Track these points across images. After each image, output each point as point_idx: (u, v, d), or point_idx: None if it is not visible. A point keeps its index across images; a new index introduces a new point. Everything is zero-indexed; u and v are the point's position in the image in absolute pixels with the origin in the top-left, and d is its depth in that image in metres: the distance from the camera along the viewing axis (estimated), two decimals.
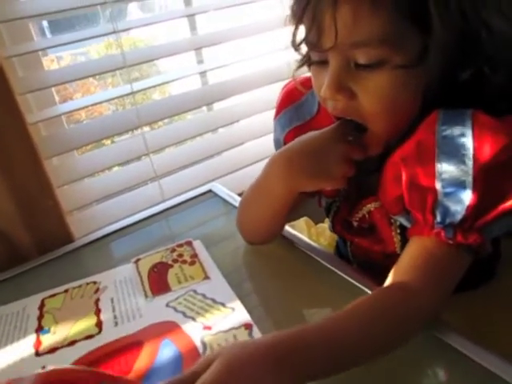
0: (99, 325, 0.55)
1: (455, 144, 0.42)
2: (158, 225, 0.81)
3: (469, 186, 0.41)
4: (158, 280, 0.62)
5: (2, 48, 0.74)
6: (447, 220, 0.43)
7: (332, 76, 0.45)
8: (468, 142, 0.41)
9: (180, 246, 0.69)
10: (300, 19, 0.46)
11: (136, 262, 0.66)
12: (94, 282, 0.64)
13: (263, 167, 0.57)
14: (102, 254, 0.75)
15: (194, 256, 0.66)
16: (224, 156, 1.03)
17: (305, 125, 0.60)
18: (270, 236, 0.64)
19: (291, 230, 0.68)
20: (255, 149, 1.02)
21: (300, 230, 0.76)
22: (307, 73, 0.54)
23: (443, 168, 0.43)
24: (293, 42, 0.49)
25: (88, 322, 0.56)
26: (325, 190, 0.59)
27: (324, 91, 0.45)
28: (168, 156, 0.96)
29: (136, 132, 0.89)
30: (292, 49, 0.51)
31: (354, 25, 0.41)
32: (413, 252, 0.46)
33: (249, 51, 0.99)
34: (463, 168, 0.41)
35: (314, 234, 0.78)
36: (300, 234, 0.67)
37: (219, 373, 0.35)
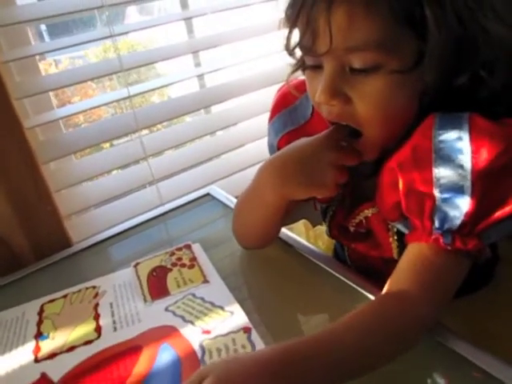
0: (98, 330, 0.55)
1: (452, 148, 0.41)
2: (157, 228, 0.81)
3: (467, 190, 0.41)
4: (157, 284, 0.62)
5: (0, 53, 0.74)
6: (446, 226, 0.42)
7: (327, 81, 0.44)
8: (465, 145, 0.41)
9: (179, 249, 0.69)
10: (294, 23, 0.45)
11: (135, 265, 0.66)
12: (93, 287, 0.64)
13: (255, 174, 0.57)
14: (100, 258, 0.75)
15: (193, 259, 0.66)
16: (222, 159, 1.03)
17: (299, 129, 0.59)
18: (264, 241, 0.64)
19: (289, 233, 0.68)
20: (253, 151, 1.02)
21: (298, 233, 0.76)
22: (302, 76, 0.53)
23: (440, 173, 0.42)
24: (287, 47, 0.48)
25: (87, 327, 0.56)
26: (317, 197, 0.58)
27: (319, 96, 0.45)
28: (166, 159, 0.96)
29: (133, 136, 0.89)
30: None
31: (348, 29, 0.41)
32: (411, 259, 0.45)
33: (246, 54, 0.99)
34: (461, 172, 0.41)
35: (312, 237, 0.78)
36: (298, 237, 0.67)
37: None
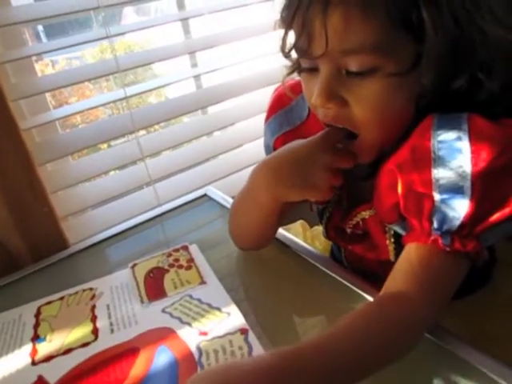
0: (95, 332, 0.55)
1: (451, 148, 0.41)
2: (154, 229, 0.81)
3: (467, 191, 0.40)
4: (154, 285, 0.62)
5: None
6: (444, 227, 0.42)
7: (323, 84, 0.44)
8: (465, 146, 0.40)
9: (176, 250, 0.69)
10: (290, 25, 0.45)
11: (132, 267, 0.66)
12: (90, 289, 0.63)
13: (250, 174, 0.56)
14: (97, 259, 0.75)
15: (191, 260, 0.66)
16: (219, 159, 1.03)
17: (295, 130, 0.59)
18: (260, 243, 0.63)
19: (286, 234, 0.68)
20: (250, 152, 1.02)
21: (296, 233, 0.76)
22: (298, 76, 0.53)
23: (440, 174, 0.42)
24: (282, 49, 0.48)
25: (84, 330, 0.56)
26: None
27: (315, 99, 0.44)
28: (163, 160, 0.96)
29: (130, 136, 0.89)
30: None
31: (344, 32, 0.40)
32: (409, 260, 0.44)
33: (243, 54, 0.99)
34: (460, 173, 0.41)
35: (310, 238, 0.78)
36: (295, 238, 0.67)
37: None
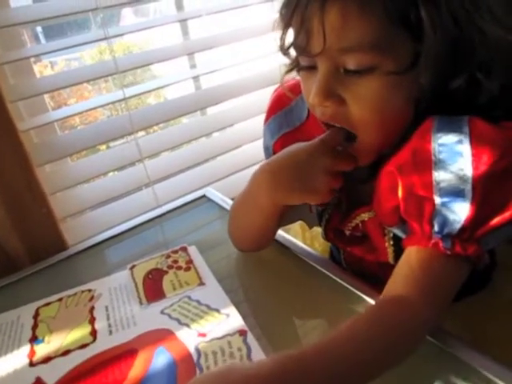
0: (94, 333, 0.55)
1: (452, 151, 0.41)
2: (153, 231, 0.81)
3: (467, 195, 0.40)
4: (152, 287, 0.62)
5: None
6: (445, 230, 0.42)
7: (320, 82, 0.44)
8: (466, 149, 0.40)
9: (175, 252, 0.68)
10: (288, 23, 0.45)
11: (131, 268, 0.66)
12: (89, 290, 0.63)
13: (250, 177, 0.56)
14: (96, 261, 0.75)
15: (189, 262, 0.65)
16: (218, 160, 1.03)
17: (294, 131, 0.59)
18: (260, 244, 0.63)
19: (286, 235, 0.68)
20: (249, 153, 1.02)
21: (295, 234, 0.76)
22: (298, 76, 0.53)
23: (440, 177, 0.41)
24: (281, 47, 0.48)
25: (82, 331, 0.55)
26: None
27: (312, 98, 0.44)
28: (162, 161, 0.96)
29: (129, 138, 0.89)
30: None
31: (342, 29, 0.40)
32: (409, 263, 0.44)
33: (242, 55, 0.99)
34: (461, 176, 0.40)
35: (309, 238, 0.78)
36: (294, 239, 0.67)
37: None
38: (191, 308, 0.56)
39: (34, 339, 0.56)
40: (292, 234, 0.69)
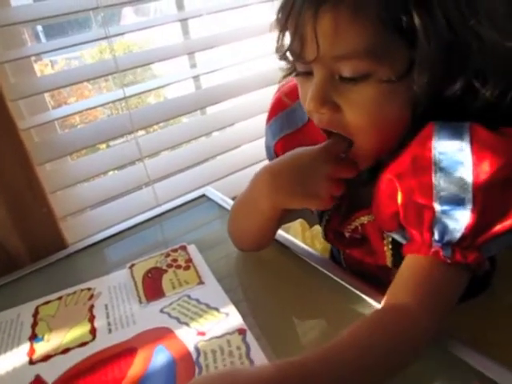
0: (93, 332, 0.55)
1: (453, 159, 0.40)
2: (153, 230, 0.81)
3: (468, 203, 0.40)
4: (152, 285, 0.62)
5: None
6: (445, 238, 0.42)
7: (316, 89, 0.43)
8: (466, 157, 0.40)
9: (174, 250, 0.69)
10: (284, 27, 0.45)
11: (131, 267, 0.66)
12: (89, 289, 0.63)
13: (251, 178, 0.56)
14: (96, 259, 0.75)
15: (189, 261, 0.66)
16: (218, 160, 1.03)
17: (296, 132, 0.59)
18: (260, 245, 0.63)
19: (285, 235, 0.68)
20: (249, 152, 1.02)
21: (295, 233, 0.76)
22: None
23: (441, 185, 0.41)
24: (277, 50, 0.47)
25: (82, 329, 0.56)
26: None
27: (308, 104, 0.44)
28: (162, 160, 0.96)
29: (129, 137, 0.89)
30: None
31: (335, 37, 0.40)
32: (409, 271, 0.44)
33: (242, 55, 0.99)
34: (462, 185, 0.40)
35: (309, 237, 0.78)
36: (294, 239, 0.67)
37: None
38: (190, 307, 0.56)
39: (33, 337, 0.56)
40: (292, 233, 0.70)
